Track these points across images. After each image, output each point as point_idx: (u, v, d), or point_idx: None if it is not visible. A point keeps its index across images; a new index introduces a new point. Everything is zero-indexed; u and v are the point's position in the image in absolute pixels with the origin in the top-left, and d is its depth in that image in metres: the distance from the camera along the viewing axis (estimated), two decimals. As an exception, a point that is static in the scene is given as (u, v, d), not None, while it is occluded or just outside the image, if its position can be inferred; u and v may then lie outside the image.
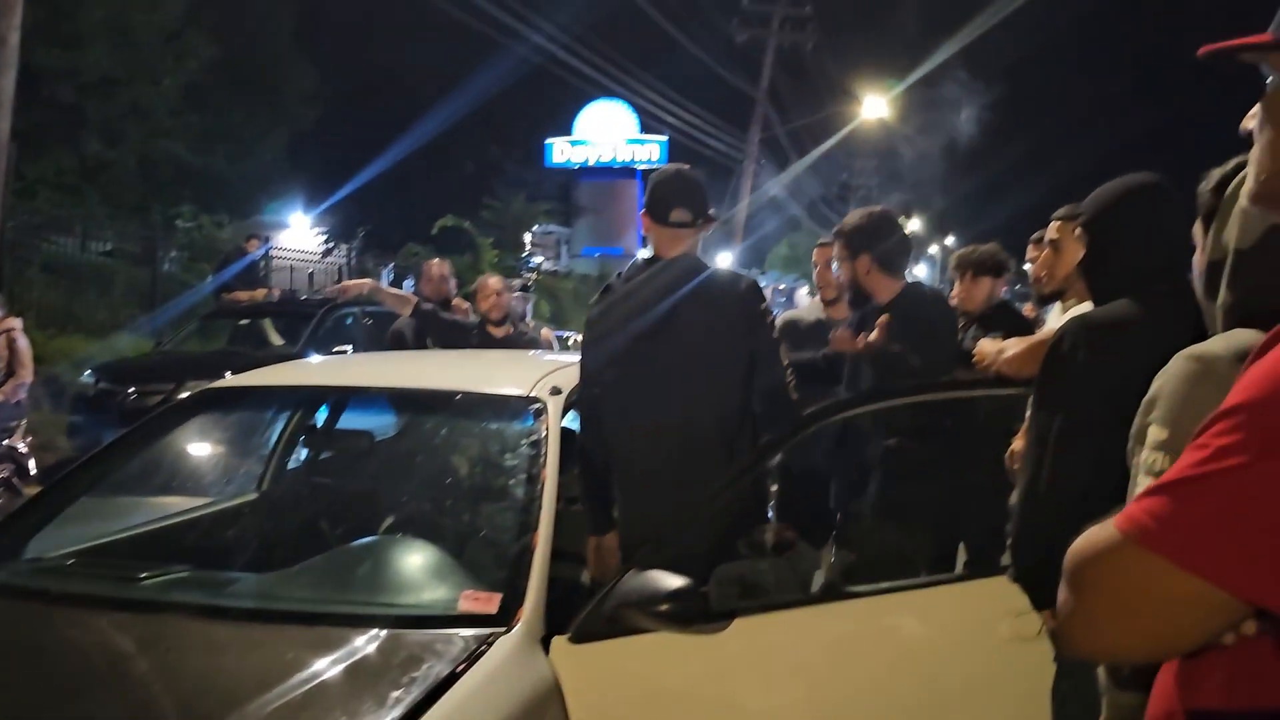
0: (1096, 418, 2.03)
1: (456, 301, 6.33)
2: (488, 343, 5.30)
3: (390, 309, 5.66)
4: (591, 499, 3.06)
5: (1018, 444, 3.95)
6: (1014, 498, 2.19)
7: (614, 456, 3.02)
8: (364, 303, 9.11)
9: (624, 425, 2.97)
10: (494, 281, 5.48)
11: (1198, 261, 1.80)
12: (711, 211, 3.15)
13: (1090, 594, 0.98)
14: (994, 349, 2.77)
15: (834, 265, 3.93)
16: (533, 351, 5.07)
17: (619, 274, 3.16)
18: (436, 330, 5.41)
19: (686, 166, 3.27)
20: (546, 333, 6.53)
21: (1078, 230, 2.32)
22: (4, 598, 2.48)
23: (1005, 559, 2.26)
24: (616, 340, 2.98)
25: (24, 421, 8.17)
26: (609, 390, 2.99)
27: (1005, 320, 3.88)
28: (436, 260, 6.42)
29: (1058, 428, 2.07)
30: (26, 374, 7.88)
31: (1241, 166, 1.73)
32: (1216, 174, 1.76)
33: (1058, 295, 3.24)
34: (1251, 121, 1.09)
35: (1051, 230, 3.20)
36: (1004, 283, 4.43)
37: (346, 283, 5.52)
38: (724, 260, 23.01)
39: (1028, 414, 2.24)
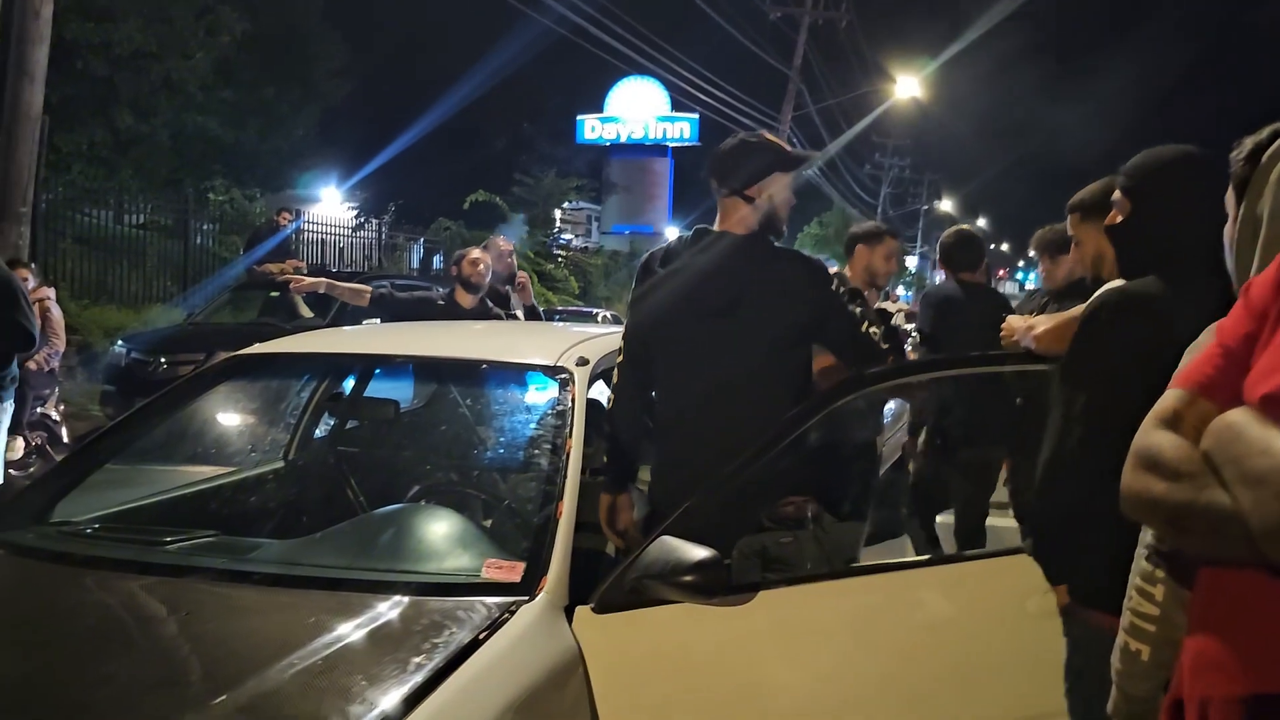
0: (1127, 392, 1.97)
1: (521, 276, 6.38)
2: (454, 311, 5.31)
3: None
4: (617, 457, 2.99)
5: None
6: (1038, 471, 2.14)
7: (656, 426, 2.98)
8: (390, 277, 9.11)
9: (672, 399, 2.93)
10: (475, 251, 5.57)
11: (1228, 232, 1.75)
12: (752, 190, 2.89)
13: None
14: (1023, 325, 2.72)
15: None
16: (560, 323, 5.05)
17: (681, 237, 3.06)
18: (400, 309, 5.45)
19: (748, 134, 3.06)
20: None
21: (1116, 194, 2.25)
22: (31, 560, 2.49)
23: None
24: (670, 309, 2.90)
25: (57, 390, 8.28)
26: (661, 360, 2.95)
27: (1079, 295, 3.85)
28: (502, 237, 6.47)
29: (1085, 401, 2.00)
30: (59, 343, 7.97)
31: (1277, 135, 1.66)
32: (1249, 142, 1.69)
33: (1100, 281, 3.15)
34: None
35: (1069, 226, 3.09)
36: None
37: (302, 279, 5.58)
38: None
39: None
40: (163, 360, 9.22)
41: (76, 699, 1.82)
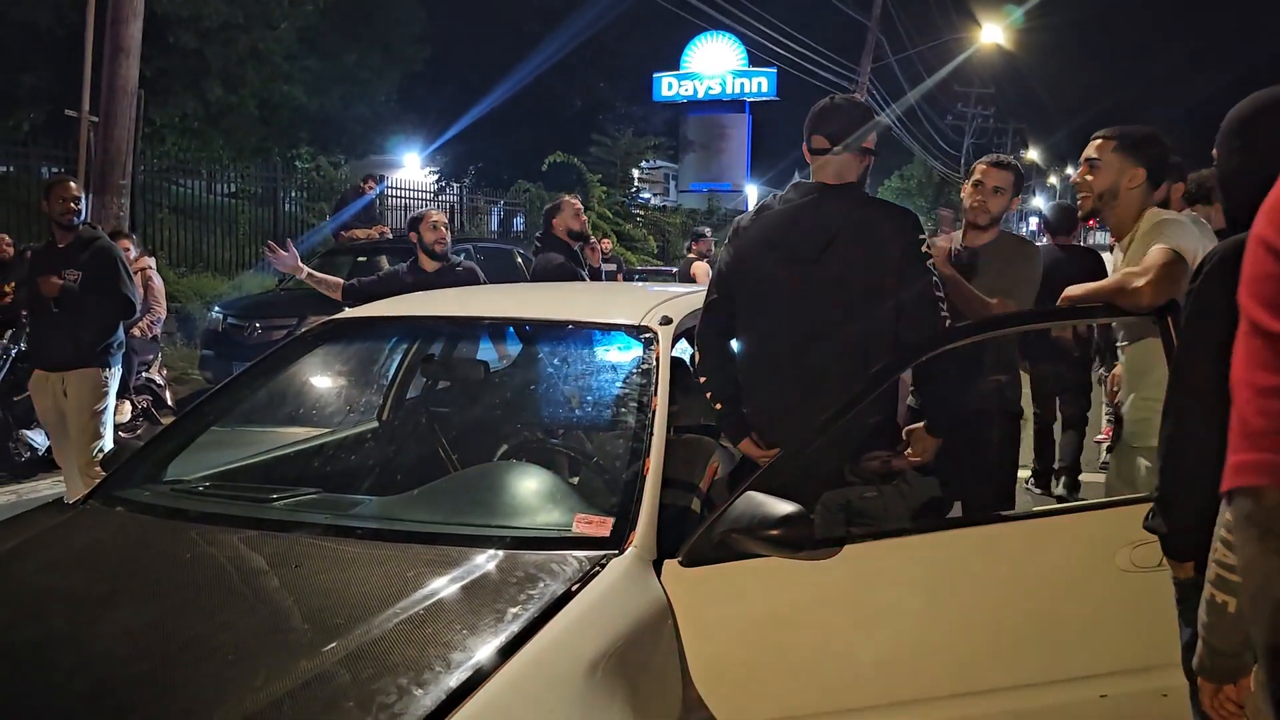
0: None
1: (598, 241, 6.39)
2: (422, 280, 5.09)
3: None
4: (729, 407, 3.05)
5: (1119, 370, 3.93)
6: (1160, 445, 2.01)
7: (741, 374, 3.03)
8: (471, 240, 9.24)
9: (757, 346, 2.97)
10: (435, 214, 5.44)
11: None
12: (867, 144, 3.01)
13: None
14: (1113, 282, 2.66)
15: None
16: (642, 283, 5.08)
17: (775, 195, 3.12)
18: (370, 294, 5.05)
19: (846, 95, 3.20)
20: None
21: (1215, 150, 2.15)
22: (149, 516, 2.63)
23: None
24: (762, 255, 2.95)
25: (159, 355, 8.60)
26: (745, 307, 2.98)
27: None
28: (573, 196, 6.46)
29: (1209, 368, 1.77)
30: (161, 310, 8.27)
31: None
32: None
33: (1094, 213, 3.10)
34: None
35: (1090, 148, 3.03)
36: (1220, 208, 4.41)
37: (286, 257, 5.15)
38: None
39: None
40: (257, 325, 9.52)
41: (200, 643, 1.93)
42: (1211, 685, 1.77)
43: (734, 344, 3.10)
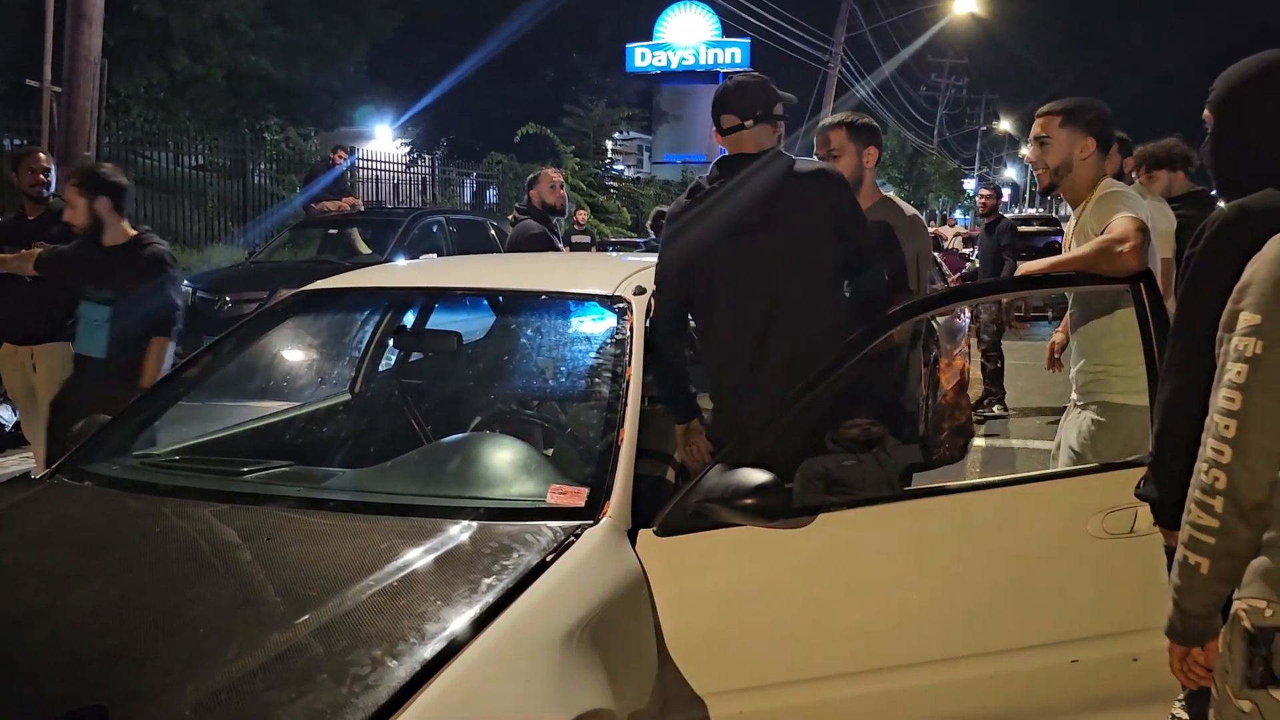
0: None
1: (580, 217, 6.29)
2: (98, 254, 4.54)
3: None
4: (671, 391, 3.05)
5: (1058, 336, 4.06)
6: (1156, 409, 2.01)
7: (705, 355, 3.05)
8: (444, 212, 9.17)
9: (715, 323, 2.96)
10: (73, 190, 4.45)
11: None
12: (776, 109, 3.03)
13: None
14: (1103, 242, 2.68)
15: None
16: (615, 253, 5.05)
17: (701, 178, 3.12)
18: (61, 261, 4.81)
19: (746, 71, 3.22)
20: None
21: (1205, 114, 2.11)
22: (118, 491, 2.59)
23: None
24: (706, 237, 2.94)
25: (128, 330, 8.46)
26: (700, 288, 2.97)
27: (1200, 207, 4.09)
28: (553, 169, 6.36)
29: (1209, 331, 1.75)
30: (129, 284, 8.12)
31: None
32: None
33: (1053, 188, 3.19)
34: None
35: (1037, 126, 3.17)
36: (1182, 176, 4.69)
37: None
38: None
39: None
40: (227, 298, 9.40)
41: (171, 617, 1.91)
42: (1181, 648, 1.78)
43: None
